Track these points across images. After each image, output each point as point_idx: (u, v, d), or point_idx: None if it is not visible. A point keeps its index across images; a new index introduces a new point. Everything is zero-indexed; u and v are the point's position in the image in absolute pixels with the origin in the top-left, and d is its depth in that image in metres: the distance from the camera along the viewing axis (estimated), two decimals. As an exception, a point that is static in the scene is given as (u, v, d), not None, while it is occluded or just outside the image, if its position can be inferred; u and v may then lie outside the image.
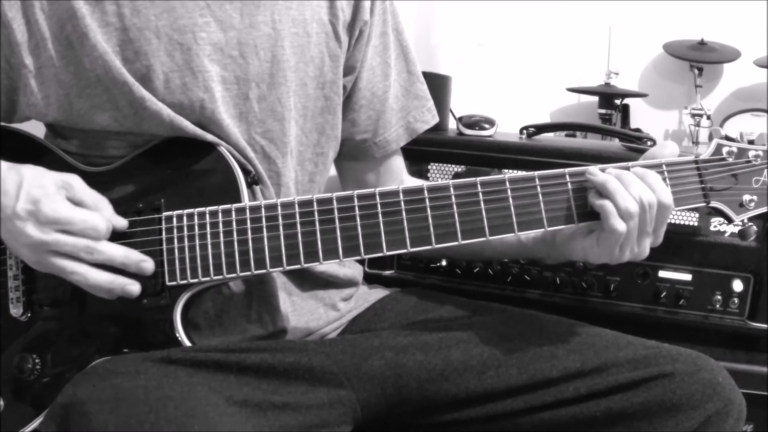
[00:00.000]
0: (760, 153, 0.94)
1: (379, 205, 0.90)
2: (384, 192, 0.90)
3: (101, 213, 0.89)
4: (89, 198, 0.89)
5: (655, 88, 1.84)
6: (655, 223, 0.90)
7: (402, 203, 0.90)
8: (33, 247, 0.85)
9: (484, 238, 0.90)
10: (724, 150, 0.95)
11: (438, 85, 1.53)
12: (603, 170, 0.91)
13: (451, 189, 0.90)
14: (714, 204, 0.94)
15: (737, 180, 0.94)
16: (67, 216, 0.85)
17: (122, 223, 0.90)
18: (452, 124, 1.55)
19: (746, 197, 0.94)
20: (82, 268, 0.86)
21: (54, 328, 0.93)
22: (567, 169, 0.92)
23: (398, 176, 1.20)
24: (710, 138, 0.96)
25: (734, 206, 0.95)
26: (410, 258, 1.41)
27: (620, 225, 0.88)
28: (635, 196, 0.88)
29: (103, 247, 0.87)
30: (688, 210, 1.27)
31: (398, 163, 1.20)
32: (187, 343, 0.91)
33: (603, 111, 1.78)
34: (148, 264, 0.89)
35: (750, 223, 0.98)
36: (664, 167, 0.93)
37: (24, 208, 0.84)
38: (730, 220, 0.95)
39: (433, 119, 1.19)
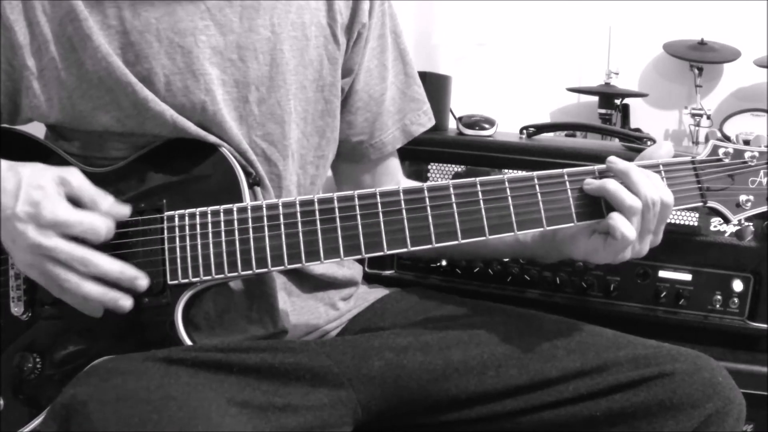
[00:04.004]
0: (756, 154, 0.95)
1: (379, 205, 0.90)
2: (384, 192, 0.91)
3: (100, 208, 0.88)
4: (87, 193, 0.88)
5: (655, 88, 1.84)
6: (657, 222, 0.91)
7: (402, 203, 0.90)
8: (31, 249, 0.85)
9: (483, 237, 0.90)
10: (721, 151, 0.95)
11: (438, 85, 1.53)
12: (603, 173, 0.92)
13: (451, 189, 0.91)
14: (711, 204, 0.95)
15: (734, 180, 0.95)
16: (66, 219, 0.84)
17: (124, 210, 0.90)
18: (452, 124, 1.55)
19: (743, 197, 0.95)
20: (76, 277, 0.85)
21: (55, 327, 0.93)
22: (566, 170, 0.92)
23: (394, 177, 1.20)
24: (707, 139, 0.97)
25: (731, 206, 0.95)
26: (410, 258, 1.41)
27: (631, 232, 0.88)
28: (642, 190, 0.88)
29: (98, 260, 0.86)
30: (688, 210, 1.28)
31: (394, 164, 1.20)
32: (188, 343, 0.91)
33: (603, 111, 1.78)
34: (142, 281, 0.88)
35: (747, 223, 0.99)
36: (661, 167, 0.93)
37: (24, 210, 0.84)
38: (727, 220, 0.96)
39: (429, 122, 1.19)
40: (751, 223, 1.00)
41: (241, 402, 0.84)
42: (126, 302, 0.87)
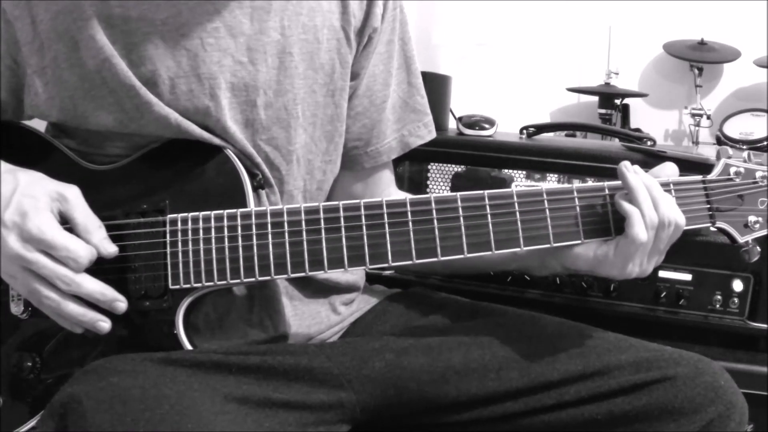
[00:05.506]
0: (767, 173, 0.94)
1: (386, 215, 0.89)
2: (391, 202, 0.90)
3: (90, 238, 0.86)
4: (81, 218, 0.87)
5: (655, 88, 1.85)
6: (667, 242, 0.91)
7: (409, 214, 0.89)
8: (11, 259, 0.84)
9: (489, 252, 0.89)
10: (732, 170, 0.94)
11: (438, 85, 1.54)
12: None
13: (459, 201, 0.90)
14: (720, 224, 0.94)
15: (743, 201, 0.93)
16: (50, 239, 0.83)
17: (111, 249, 0.88)
18: (452, 124, 1.55)
19: (752, 218, 0.93)
20: (57, 295, 0.85)
21: (54, 327, 0.92)
22: (575, 185, 0.92)
23: (386, 189, 1.17)
24: (718, 157, 0.95)
25: (739, 227, 0.94)
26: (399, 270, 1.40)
27: (643, 234, 0.87)
28: (661, 209, 0.88)
29: (81, 280, 0.85)
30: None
31: (387, 175, 1.17)
32: (189, 347, 0.90)
33: (603, 111, 1.78)
34: (121, 304, 0.87)
35: (754, 244, 0.96)
36: (672, 186, 0.92)
37: (11, 218, 0.83)
38: (734, 241, 0.94)
39: (428, 135, 1.16)
40: (757, 245, 0.97)
41: (240, 397, 0.84)
42: (105, 325, 0.87)
